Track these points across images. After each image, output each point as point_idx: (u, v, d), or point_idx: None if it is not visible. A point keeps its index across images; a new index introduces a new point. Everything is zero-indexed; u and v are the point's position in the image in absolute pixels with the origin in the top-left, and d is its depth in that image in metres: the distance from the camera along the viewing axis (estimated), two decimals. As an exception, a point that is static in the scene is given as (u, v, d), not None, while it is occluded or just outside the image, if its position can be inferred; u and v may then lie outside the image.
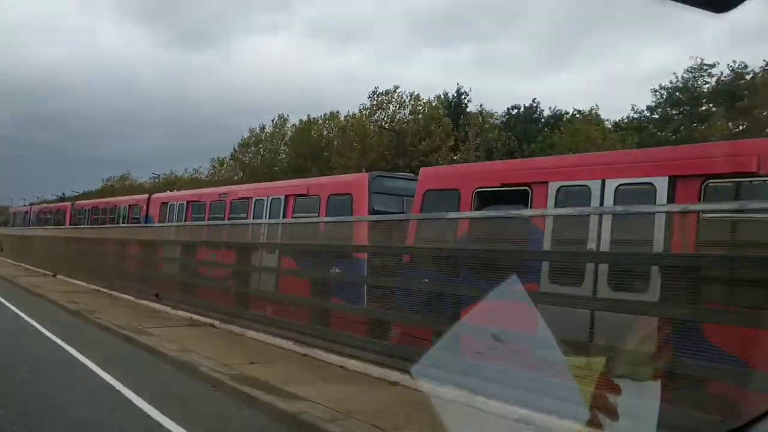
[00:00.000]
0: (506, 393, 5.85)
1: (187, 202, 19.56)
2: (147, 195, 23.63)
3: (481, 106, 48.58)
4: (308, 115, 55.77)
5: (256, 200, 15.74)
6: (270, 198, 15.18)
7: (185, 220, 19.41)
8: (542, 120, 51.55)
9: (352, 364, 8.24)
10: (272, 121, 59.04)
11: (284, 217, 14.34)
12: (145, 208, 23.08)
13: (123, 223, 25.01)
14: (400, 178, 13.57)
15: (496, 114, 50.92)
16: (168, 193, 22.96)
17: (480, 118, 45.69)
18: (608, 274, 6.53)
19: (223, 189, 18.07)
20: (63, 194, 73.98)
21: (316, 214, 13.08)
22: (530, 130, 49.04)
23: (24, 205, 57.15)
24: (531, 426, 5.48)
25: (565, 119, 47.51)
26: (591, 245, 6.56)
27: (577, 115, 46.23)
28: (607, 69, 75.36)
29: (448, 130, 45.30)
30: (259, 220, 14.20)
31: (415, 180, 11.07)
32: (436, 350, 5.88)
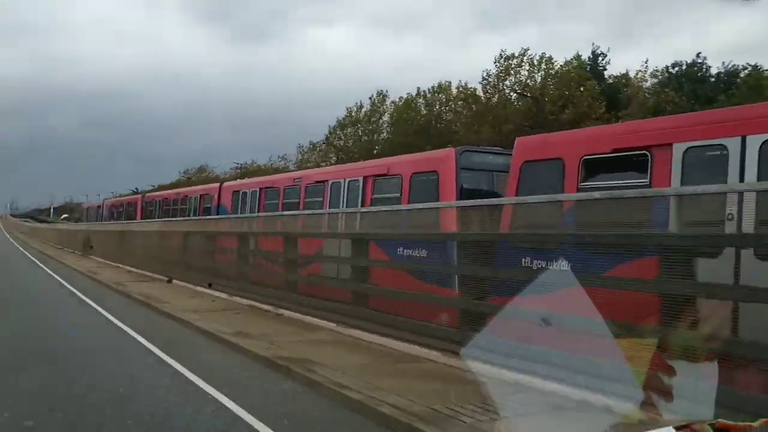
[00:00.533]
0: (559, 374, 6.58)
1: (260, 189, 20.53)
2: (218, 184, 25.06)
3: (645, 62, 45.87)
4: (417, 88, 56.02)
5: (332, 183, 16.25)
6: (347, 180, 15.62)
7: (258, 209, 20.42)
8: (711, 78, 48.51)
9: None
10: (370, 99, 60.08)
11: (363, 201, 14.73)
12: (216, 197, 24.49)
13: (194, 214, 26.70)
14: (491, 153, 13.62)
15: (656, 71, 48.63)
16: (239, 180, 24.20)
17: (641, 78, 43.18)
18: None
19: (297, 173, 18.80)
20: (136, 189, 79.80)
21: (398, 196, 13.32)
22: (701, 90, 46.24)
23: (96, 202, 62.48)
24: (583, 407, 6.02)
25: (741, 77, 44.41)
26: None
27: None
28: None
29: (595, 95, 43.69)
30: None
31: (507, 154, 10.98)
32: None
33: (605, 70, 50.19)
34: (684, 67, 49.72)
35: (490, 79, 47.54)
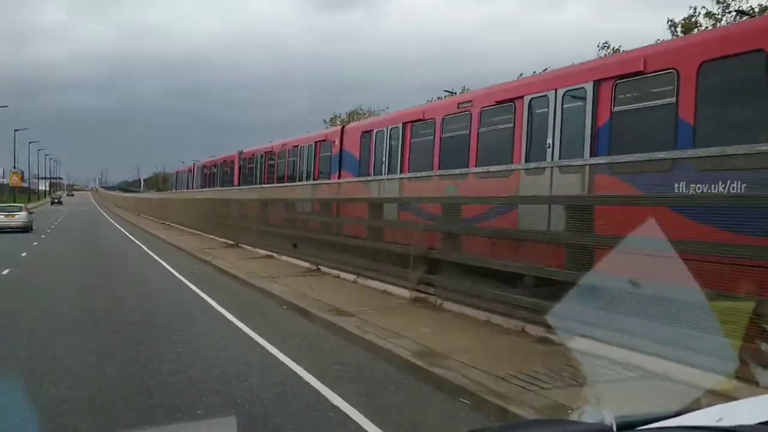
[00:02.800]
0: (644, 345, 6.66)
1: (404, 125, 16.07)
2: (339, 126, 20.79)
3: None
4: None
5: (532, 100, 11.61)
6: (562, 90, 10.91)
7: (402, 152, 16.02)
8: None
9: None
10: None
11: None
12: (337, 142, 20.27)
13: (306, 167, 22.65)
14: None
15: None
16: (370, 119, 19.68)
17: None
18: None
19: (466, 96, 14.17)
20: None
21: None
22: None
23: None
24: (671, 380, 6.16)
25: None
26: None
27: None
28: None
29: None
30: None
31: None
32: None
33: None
34: None
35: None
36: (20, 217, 36.73)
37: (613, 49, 36.31)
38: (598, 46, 38.20)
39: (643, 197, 7.88)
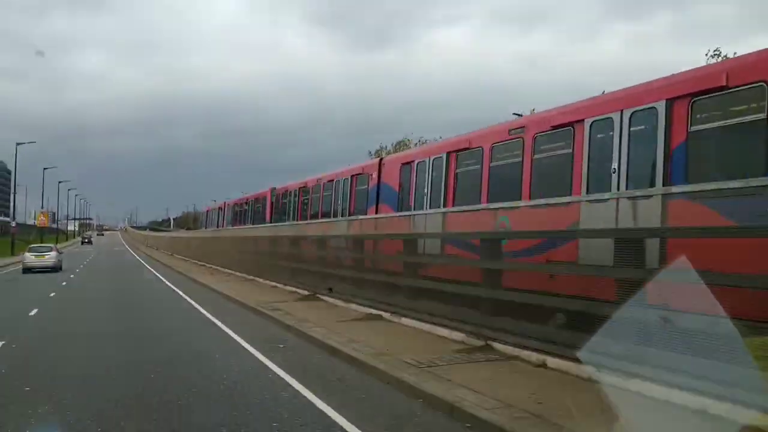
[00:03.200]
0: (679, 379, 6.37)
1: (448, 154, 15.34)
2: (377, 159, 20.15)
3: None
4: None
5: (594, 123, 10.82)
6: (629, 111, 10.11)
7: (446, 184, 15.26)
8: None
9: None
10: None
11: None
12: (375, 175, 19.60)
13: (342, 202, 21.97)
14: None
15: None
16: (410, 150, 19.01)
17: None
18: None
19: (517, 122, 13.38)
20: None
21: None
22: None
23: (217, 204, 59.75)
24: (706, 415, 5.92)
25: None
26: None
27: None
28: None
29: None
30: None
31: None
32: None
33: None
34: None
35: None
36: (50, 257, 37.38)
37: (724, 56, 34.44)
38: (707, 55, 36.11)
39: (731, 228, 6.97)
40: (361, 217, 18.42)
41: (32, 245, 43.97)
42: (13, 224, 43.22)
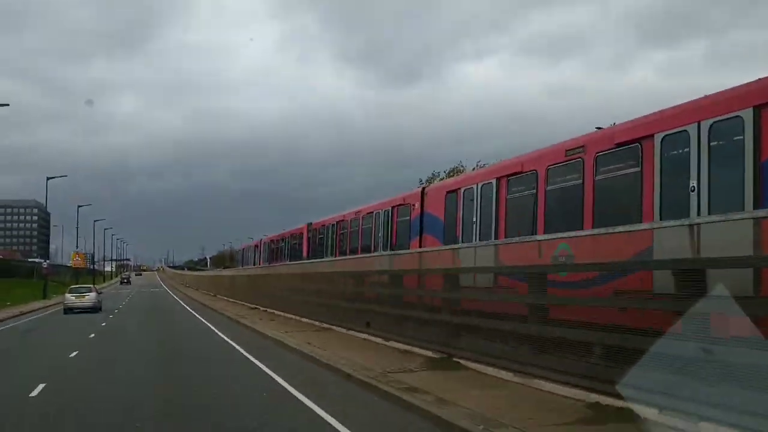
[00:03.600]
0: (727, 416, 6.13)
1: (498, 180, 14.39)
2: (419, 188, 19.28)
3: None
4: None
5: (665, 138, 9.80)
6: (708, 123, 9.08)
7: (496, 211, 14.28)
8: None
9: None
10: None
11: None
12: (417, 206, 18.71)
13: (383, 234, 21.09)
14: None
15: None
16: (456, 177, 18.07)
17: None
18: None
19: (575, 141, 12.37)
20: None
21: None
22: None
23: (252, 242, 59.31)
24: None
25: None
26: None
27: None
28: None
29: None
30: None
31: None
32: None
33: None
34: None
35: None
36: (90, 298, 37.87)
37: None
38: None
39: None
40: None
41: (72, 286, 44.68)
42: (45, 264, 42.20)
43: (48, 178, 60.78)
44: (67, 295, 38.42)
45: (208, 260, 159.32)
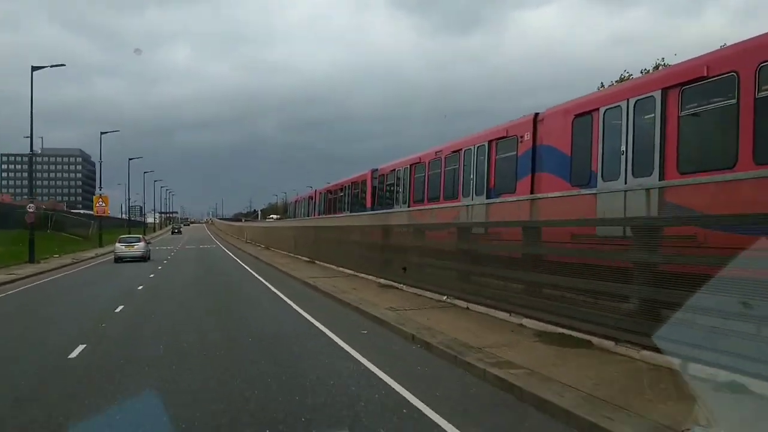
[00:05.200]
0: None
1: (664, 91, 10.54)
2: (530, 115, 15.42)
3: None
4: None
5: None
6: None
7: (662, 135, 10.48)
8: None
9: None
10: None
11: None
12: (528, 136, 14.95)
13: (477, 175, 17.38)
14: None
15: None
16: (589, 95, 14.05)
17: None
18: None
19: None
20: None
21: None
22: None
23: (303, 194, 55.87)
24: None
25: None
26: None
27: None
28: None
29: None
30: None
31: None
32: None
33: None
34: None
35: None
36: (139, 248, 39.67)
37: None
38: None
39: None
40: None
41: (122, 236, 44.75)
42: (31, 208, 35.51)
43: (102, 133, 59.66)
44: (117, 245, 39.95)
45: (259, 213, 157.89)
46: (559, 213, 11.09)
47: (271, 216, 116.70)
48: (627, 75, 33.28)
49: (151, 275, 28.09)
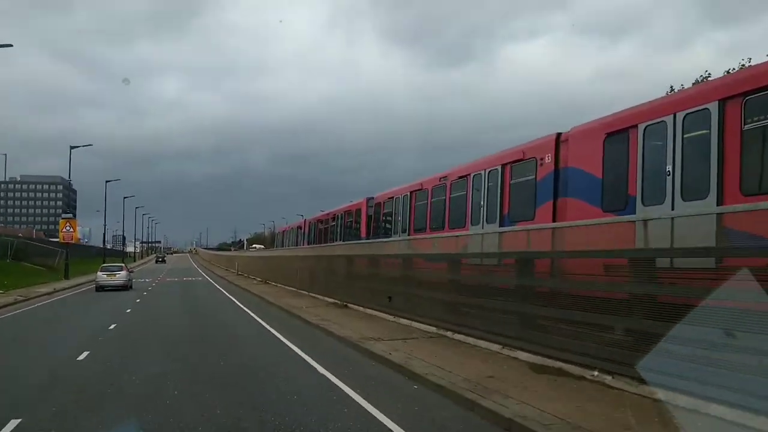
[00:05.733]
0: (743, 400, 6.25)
1: (721, 103, 9.25)
2: (552, 135, 14.12)
3: None
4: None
5: None
6: None
7: (719, 150, 9.16)
8: None
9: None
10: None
11: None
12: (550, 158, 13.67)
13: (488, 202, 16.03)
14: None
15: None
16: (624, 110, 12.72)
17: None
18: None
19: None
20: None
21: None
22: None
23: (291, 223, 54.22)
24: None
25: None
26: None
27: None
28: None
29: None
30: None
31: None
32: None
33: None
34: None
35: None
36: (120, 276, 39.04)
37: None
38: None
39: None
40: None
41: (104, 265, 44.83)
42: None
43: (72, 147, 55.80)
44: (99, 274, 39.18)
45: (245, 242, 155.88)
46: (592, 243, 9.72)
47: (254, 246, 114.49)
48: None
49: (111, 326, 18.67)
